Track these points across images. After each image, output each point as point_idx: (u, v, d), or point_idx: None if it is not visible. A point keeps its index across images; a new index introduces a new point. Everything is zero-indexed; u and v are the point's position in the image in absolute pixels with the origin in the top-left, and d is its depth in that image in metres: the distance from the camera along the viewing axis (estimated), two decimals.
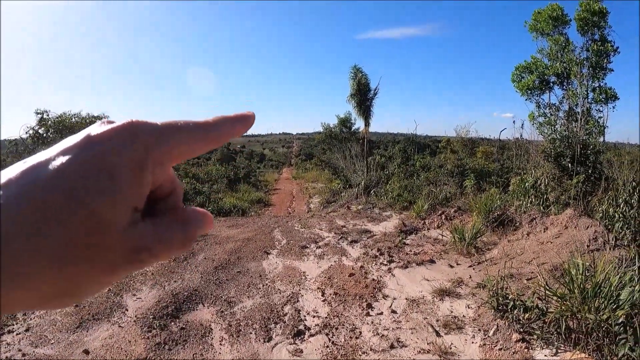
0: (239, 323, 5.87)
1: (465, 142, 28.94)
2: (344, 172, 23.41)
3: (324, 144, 40.91)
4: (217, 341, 5.43)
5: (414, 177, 19.32)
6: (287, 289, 7.06)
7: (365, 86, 23.35)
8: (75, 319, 6.18)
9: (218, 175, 31.08)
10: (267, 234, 11.35)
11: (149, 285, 7.50)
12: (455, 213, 11.40)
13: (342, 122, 36.49)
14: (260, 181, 37.49)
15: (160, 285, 7.45)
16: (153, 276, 7.96)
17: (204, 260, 8.86)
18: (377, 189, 17.76)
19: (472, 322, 5.44)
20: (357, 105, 23.54)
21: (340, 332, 5.47)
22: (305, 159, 67.46)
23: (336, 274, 7.61)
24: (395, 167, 22.73)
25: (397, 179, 18.35)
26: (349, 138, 32.45)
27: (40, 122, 13.44)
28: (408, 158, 27.00)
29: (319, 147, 47.90)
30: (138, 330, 5.70)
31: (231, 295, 6.89)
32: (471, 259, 8.01)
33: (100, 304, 6.67)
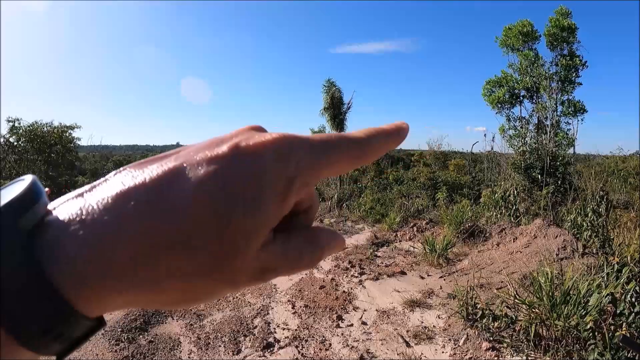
0: (208, 336, 5.79)
1: (438, 156, 29.16)
2: (317, 186, 23.40)
3: None
4: (185, 354, 5.36)
5: (387, 190, 19.40)
6: (257, 302, 6.98)
7: (339, 100, 23.44)
8: None
9: None
10: None
11: None
12: (427, 225, 11.43)
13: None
14: None
15: None
16: None
17: None
18: (350, 202, 17.77)
19: (442, 332, 5.41)
20: (330, 119, 23.60)
21: (310, 344, 5.42)
22: None
23: (307, 287, 7.55)
24: (369, 180, 22.78)
25: (370, 192, 18.41)
26: None
27: (12, 131, 13.22)
28: (381, 171, 27.11)
29: None
30: (106, 344, 5.59)
31: (201, 308, 6.78)
32: (442, 270, 8.01)
33: None
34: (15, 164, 13.03)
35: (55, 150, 13.55)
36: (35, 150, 13.26)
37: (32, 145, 13.18)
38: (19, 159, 13.12)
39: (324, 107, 23.64)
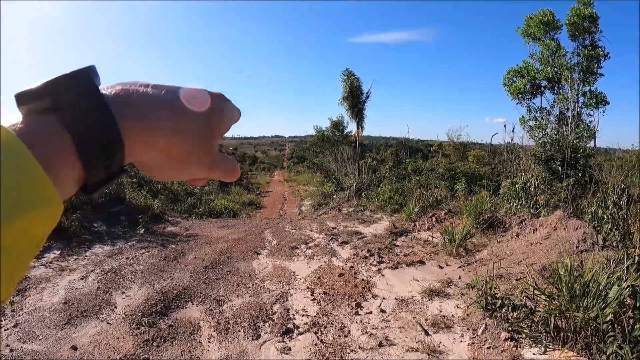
0: (227, 321, 5.85)
1: (457, 146, 28.98)
2: (335, 175, 23.36)
3: (316, 146, 40.88)
4: (205, 339, 5.42)
5: (405, 181, 19.33)
6: (277, 289, 7.05)
7: (358, 89, 23.33)
8: (63, 316, 6.16)
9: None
10: (257, 234, 11.34)
11: (138, 283, 7.48)
12: (446, 215, 11.41)
13: (334, 125, 36.40)
14: (252, 184, 37.45)
15: (149, 283, 7.43)
16: (142, 275, 7.94)
17: (194, 259, 8.84)
18: (369, 191, 17.75)
19: (460, 322, 5.44)
20: (349, 108, 23.53)
21: (329, 330, 5.47)
22: (298, 162, 67.51)
23: (326, 274, 7.60)
24: (387, 170, 22.73)
25: (388, 182, 18.36)
26: (341, 141, 32.48)
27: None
28: (400, 161, 27.04)
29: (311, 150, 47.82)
30: (126, 328, 5.68)
31: (220, 294, 6.87)
32: (461, 260, 8.01)
33: (89, 302, 6.66)
34: None
35: None
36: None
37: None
38: None
39: (343, 97, 23.53)
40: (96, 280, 7.72)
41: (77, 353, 5.12)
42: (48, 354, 5.13)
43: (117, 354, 5.03)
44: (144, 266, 8.51)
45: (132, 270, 8.23)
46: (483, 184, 15.75)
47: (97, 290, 7.16)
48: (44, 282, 7.80)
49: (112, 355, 5.02)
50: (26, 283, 7.69)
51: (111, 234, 11.82)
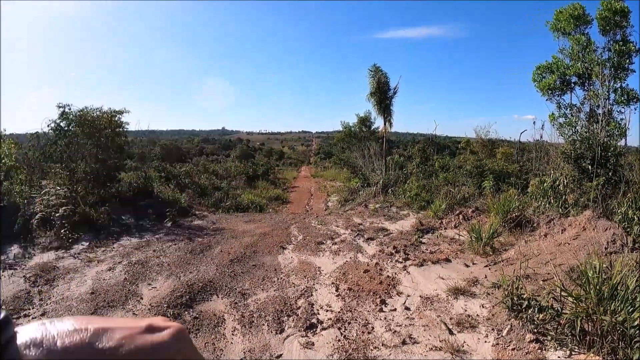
0: (252, 314, 5.91)
1: (485, 143, 28.69)
2: (362, 171, 23.28)
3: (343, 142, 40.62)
4: (229, 331, 5.48)
5: (432, 177, 19.22)
6: (302, 283, 7.09)
7: (385, 85, 23.12)
8: (90, 306, 6.28)
9: (237, 171, 31.20)
10: (283, 229, 11.39)
11: (165, 275, 7.58)
12: (473, 213, 11.32)
13: (361, 121, 36.15)
14: (278, 179, 37.60)
15: (175, 275, 7.53)
16: (169, 267, 8.04)
17: (220, 253, 8.92)
18: (395, 188, 17.69)
19: (485, 322, 5.40)
20: (376, 104, 23.33)
21: (353, 326, 5.48)
22: (324, 158, 67.44)
23: (351, 270, 7.62)
24: (414, 166, 22.62)
25: (415, 179, 18.29)
26: (369, 137, 32.30)
27: (62, 116, 13.58)
28: (427, 158, 26.86)
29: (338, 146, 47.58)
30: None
31: (245, 288, 6.94)
32: (487, 259, 7.95)
33: (116, 292, 6.77)
34: (65, 148, 13.40)
35: (105, 134, 13.82)
36: (85, 134, 13.55)
37: (82, 129, 13.49)
38: (69, 142, 13.45)
39: (370, 92, 23.32)
40: (123, 272, 7.84)
41: None
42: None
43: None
44: (170, 259, 8.61)
45: (158, 263, 8.34)
46: (511, 181, 15.58)
47: (124, 282, 7.28)
48: (72, 272, 7.93)
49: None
50: (55, 273, 7.82)
51: (139, 226, 11.96)
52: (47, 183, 12.54)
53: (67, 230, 10.17)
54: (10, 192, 11.97)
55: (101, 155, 13.81)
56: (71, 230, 10.27)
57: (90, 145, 13.64)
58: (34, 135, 13.85)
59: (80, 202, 11.77)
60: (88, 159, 13.59)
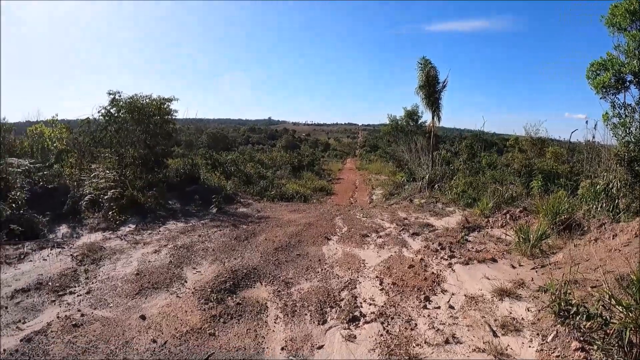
0: (295, 304, 6.00)
1: (534, 142, 28.08)
2: (408, 165, 23.13)
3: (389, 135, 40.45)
4: (271, 319, 5.57)
5: (479, 175, 18.99)
6: (346, 275, 7.15)
7: (434, 78, 22.80)
8: (135, 286, 6.49)
9: (282, 161, 31.45)
10: (328, 220, 11.46)
11: (209, 260, 7.74)
12: (521, 213, 11.15)
13: (408, 114, 35.80)
14: (323, 170, 37.70)
15: (220, 261, 7.69)
16: (214, 252, 8.21)
17: (265, 241, 9.04)
18: (442, 184, 17.54)
19: (530, 326, 5.32)
20: (425, 97, 23.04)
21: (396, 322, 5.50)
22: (370, 150, 67.21)
23: (396, 265, 7.63)
24: (461, 163, 22.38)
25: (462, 175, 18.08)
26: (415, 131, 32.12)
27: (112, 103, 13.97)
28: (474, 155, 26.54)
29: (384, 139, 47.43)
30: (195, 302, 5.93)
31: (289, 277, 7.05)
32: (534, 262, 7.83)
33: (161, 274, 6.97)
34: (115, 133, 13.80)
35: (154, 121, 14.14)
36: (134, 121, 13.90)
37: (132, 116, 13.85)
38: (119, 128, 13.84)
39: (419, 86, 23.03)
40: (168, 255, 8.05)
41: (145, 322, 5.39)
42: (117, 321, 5.41)
43: (184, 327, 5.25)
44: (215, 244, 8.77)
45: (203, 248, 8.52)
46: (561, 182, 15.25)
47: (169, 264, 7.50)
48: (118, 253, 8.18)
49: (179, 327, 5.24)
50: (101, 253, 8.08)
51: (185, 211, 12.21)
52: (97, 167, 12.93)
53: (114, 212, 10.51)
54: (60, 174, 12.39)
55: (149, 141, 14.13)
56: (119, 213, 10.63)
57: (139, 132, 14.00)
58: (84, 121, 14.35)
59: (128, 185, 12.11)
60: (137, 144, 13.94)
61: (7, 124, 16.24)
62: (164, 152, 14.96)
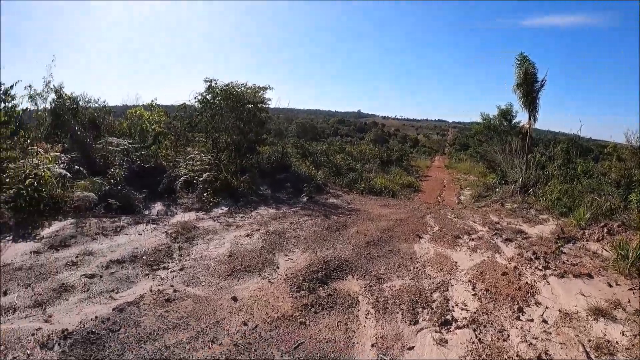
0: (386, 300, 6.10)
1: (636, 151, 26.73)
2: (501, 167, 22.56)
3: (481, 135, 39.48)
4: (363, 314, 5.68)
5: (574, 182, 18.37)
6: (438, 276, 7.20)
7: (532, 76, 21.96)
8: (227, 267, 6.79)
9: (371, 155, 31.47)
10: (419, 218, 11.51)
11: (301, 248, 7.99)
12: (619, 228, 10.76)
13: (502, 113, 34.65)
14: (411, 166, 37.36)
15: (312, 250, 7.92)
16: (305, 241, 8.44)
17: (356, 233, 9.19)
18: (535, 189, 17.08)
19: (625, 351, 5.19)
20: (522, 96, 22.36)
21: (488, 330, 5.50)
22: (460, 149, 65.99)
23: (488, 270, 7.61)
24: (556, 168, 21.72)
25: (557, 182, 17.53)
26: (508, 131, 31.24)
27: (209, 89, 14.61)
28: (570, 160, 25.67)
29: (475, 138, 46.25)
30: (287, 289, 6.15)
31: (381, 272, 7.16)
32: (632, 282, 7.56)
33: (253, 258, 7.26)
34: (210, 119, 14.47)
35: (247, 108, 14.63)
36: (229, 108, 14.46)
37: (227, 103, 14.41)
38: (214, 114, 14.48)
39: (517, 84, 22.29)
40: (260, 240, 8.37)
41: (236, 304, 5.63)
42: (209, 300, 5.68)
43: (275, 313, 5.45)
44: (307, 233, 9.01)
45: (295, 235, 8.79)
46: None
47: (261, 249, 7.80)
48: (212, 234, 8.57)
49: (270, 313, 5.45)
50: (194, 232, 8.50)
51: (276, 198, 12.59)
52: (192, 150, 13.57)
53: (209, 194, 11.00)
54: (156, 155, 13.11)
55: (243, 127, 14.63)
56: (213, 195, 11.07)
57: (233, 118, 14.50)
58: (181, 106, 15.17)
59: (223, 169, 12.58)
60: (230, 130, 14.46)
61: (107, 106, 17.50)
62: (256, 139, 15.47)
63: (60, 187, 9.76)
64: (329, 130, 76.46)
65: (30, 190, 8.83)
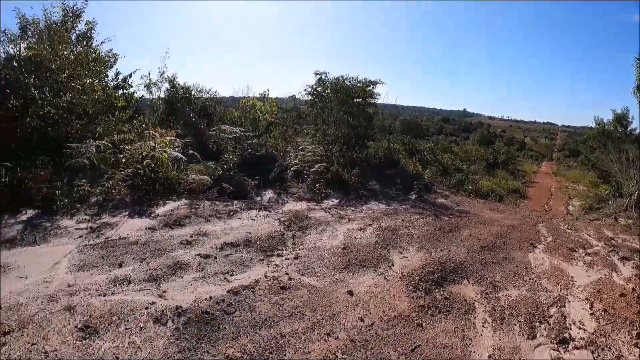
0: (503, 310, 5.97)
1: None
2: (616, 178, 21.38)
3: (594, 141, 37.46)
4: (480, 322, 5.58)
5: None
6: (554, 290, 6.98)
7: None
8: (342, 260, 6.89)
9: (477, 156, 30.90)
10: (531, 226, 11.22)
11: (415, 247, 8.01)
12: None
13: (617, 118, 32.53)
14: (518, 170, 36.27)
15: (426, 250, 7.91)
16: (419, 239, 8.46)
17: (470, 236, 9.10)
18: None
19: None
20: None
21: (606, 354, 5.25)
22: (569, 155, 63.50)
23: (606, 289, 7.28)
24: None
25: None
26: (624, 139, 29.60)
27: (319, 82, 14.99)
28: None
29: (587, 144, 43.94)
30: (403, 288, 6.16)
31: (496, 280, 7.03)
32: None
33: (367, 253, 7.33)
34: (320, 112, 14.83)
35: (356, 102, 14.82)
36: (339, 101, 14.72)
37: (336, 96, 14.66)
38: (323, 107, 14.84)
39: (637, 86, 20.92)
40: (374, 235, 8.46)
41: (352, 299, 5.68)
42: (324, 292, 5.78)
43: (392, 311, 5.46)
44: (419, 231, 9.03)
45: (407, 233, 8.83)
46: None
47: (375, 244, 7.87)
48: (324, 225, 8.76)
49: (386, 311, 5.47)
50: (307, 222, 8.74)
51: (385, 194, 12.69)
52: (302, 140, 13.94)
53: (321, 185, 11.22)
54: (266, 144, 13.54)
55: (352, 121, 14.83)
56: (325, 186, 11.29)
57: (342, 112, 14.73)
58: (291, 97, 15.65)
59: (334, 161, 12.78)
60: (339, 123, 14.70)
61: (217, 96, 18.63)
62: (365, 134, 15.63)
63: (175, 169, 10.35)
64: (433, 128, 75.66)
65: (148, 171, 9.44)
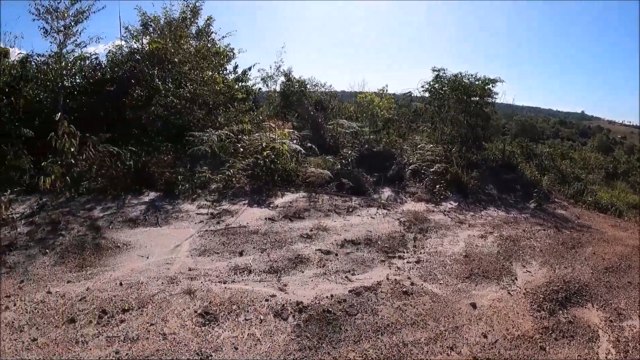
0: (627, 342, 5.34)
1: None
2: None
3: None
4: (603, 352, 5.04)
5: None
6: None
7: None
8: (464, 269, 6.53)
9: (595, 164, 29.13)
10: None
11: (539, 261, 7.45)
12: None
13: None
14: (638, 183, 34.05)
15: (550, 265, 7.32)
16: (542, 253, 7.88)
17: (593, 255, 8.35)
18: None
19: None
20: None
21: None
22: None
23: None
24: None
25: None
26: None
27: (436, 79, 14.57)
28: None
29: None
30: (527, 305, 5.70)
31: (621, 307, 6.28)
32: None
33: (490, 263, 6.91)
34: (438, 110, 14.45)
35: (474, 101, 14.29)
36: (456, 99, 14.23)
37: (454, 94, 14.20)
38: (441, 105, 14.43)
39: None
40: (495, 244, 7.99)
41: (475, 312, 5.33)
42: (447, 301, 5.48)
43: (515, 330, 5.05)
44: (541, 244, 8.44)
45: (529, 245, 8.27)
46: None
47: (497, 255, 7.40)
48: (444, 229, 8.41)
49: (510, 329, 5.07)
50: (427, 225, 8.50)
51: (503, 200, 12.14)
52: (420, 139, 13.62)
53: (441, 186, 10.88)
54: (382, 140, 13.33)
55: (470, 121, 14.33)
56: (444, 188, 10.93)
57: (459, 110, 14.27)
58: (407, 94, 15.38)
59: (454, 162, 12.39)
60: (456, 123, 14.26)
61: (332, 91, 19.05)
62: (483, 135, 15.06)
63: (294, 161, 10.34)
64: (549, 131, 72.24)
65: (268, 161, 9.50)
